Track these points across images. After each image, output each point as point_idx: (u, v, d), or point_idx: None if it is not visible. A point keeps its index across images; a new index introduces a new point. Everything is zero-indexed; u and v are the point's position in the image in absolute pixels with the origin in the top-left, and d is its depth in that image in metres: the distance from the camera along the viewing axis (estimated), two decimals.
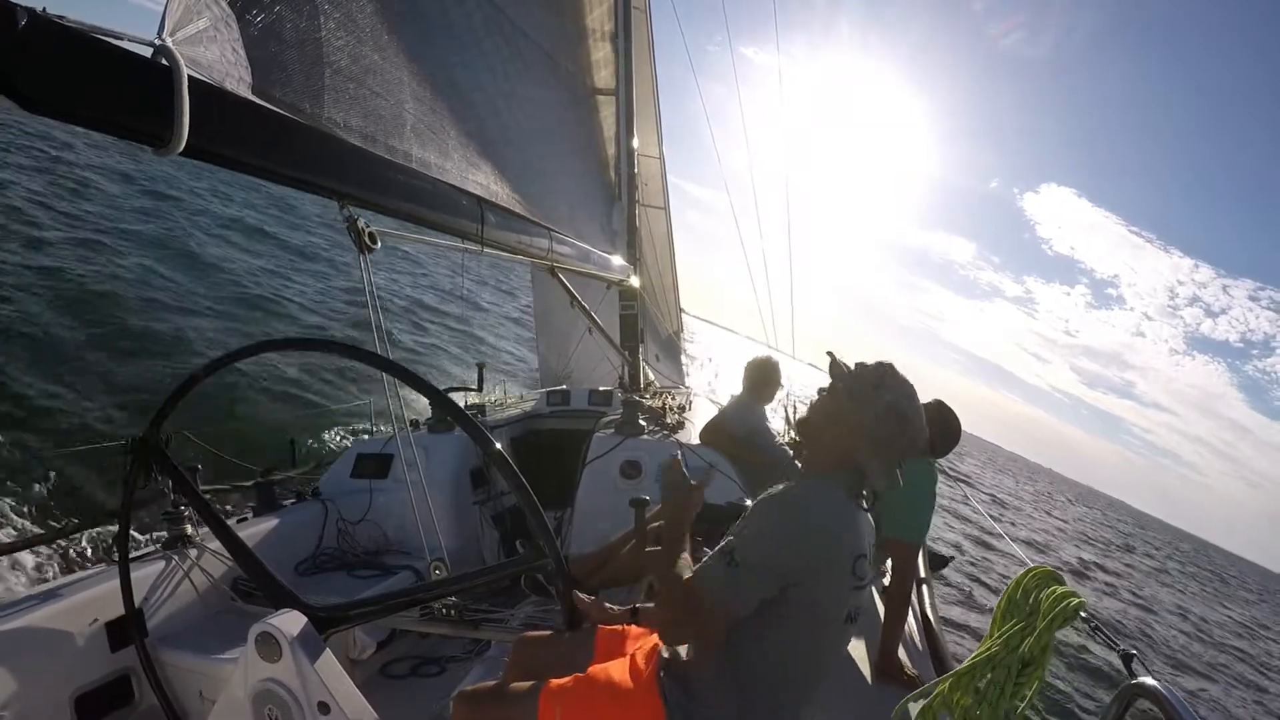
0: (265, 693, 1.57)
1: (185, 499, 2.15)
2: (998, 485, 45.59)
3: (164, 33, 1.29)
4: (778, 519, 1.40)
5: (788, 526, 1.38)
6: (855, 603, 1.45)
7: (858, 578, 1.41)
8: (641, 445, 3.59)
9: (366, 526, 3.27)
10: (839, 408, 1.51)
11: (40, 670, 1.97)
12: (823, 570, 1.36)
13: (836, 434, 1.50)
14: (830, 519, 1.40)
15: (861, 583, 1.43)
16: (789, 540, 1.37)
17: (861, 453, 1.46)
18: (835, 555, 1.37)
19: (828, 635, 1.44)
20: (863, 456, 1.46)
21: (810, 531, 1.37)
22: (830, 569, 1.37)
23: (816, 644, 1.44)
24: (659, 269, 6.93)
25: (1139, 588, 20.76)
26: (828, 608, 1.39)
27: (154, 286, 10.22)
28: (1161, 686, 1.28)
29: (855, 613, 1.46)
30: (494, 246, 2.54)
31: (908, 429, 1.47)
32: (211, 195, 19.09)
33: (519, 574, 1.83)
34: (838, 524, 1.40)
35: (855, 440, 1.46)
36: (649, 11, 5.69)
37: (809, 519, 1.39)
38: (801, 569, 1.35)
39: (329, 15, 1.83)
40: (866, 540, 1.45)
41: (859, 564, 1.40)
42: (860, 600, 1.46)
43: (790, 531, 1.37)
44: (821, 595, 1.38)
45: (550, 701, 1.48)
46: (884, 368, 1.53)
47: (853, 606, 1.44)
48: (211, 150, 1.33)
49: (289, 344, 2.18)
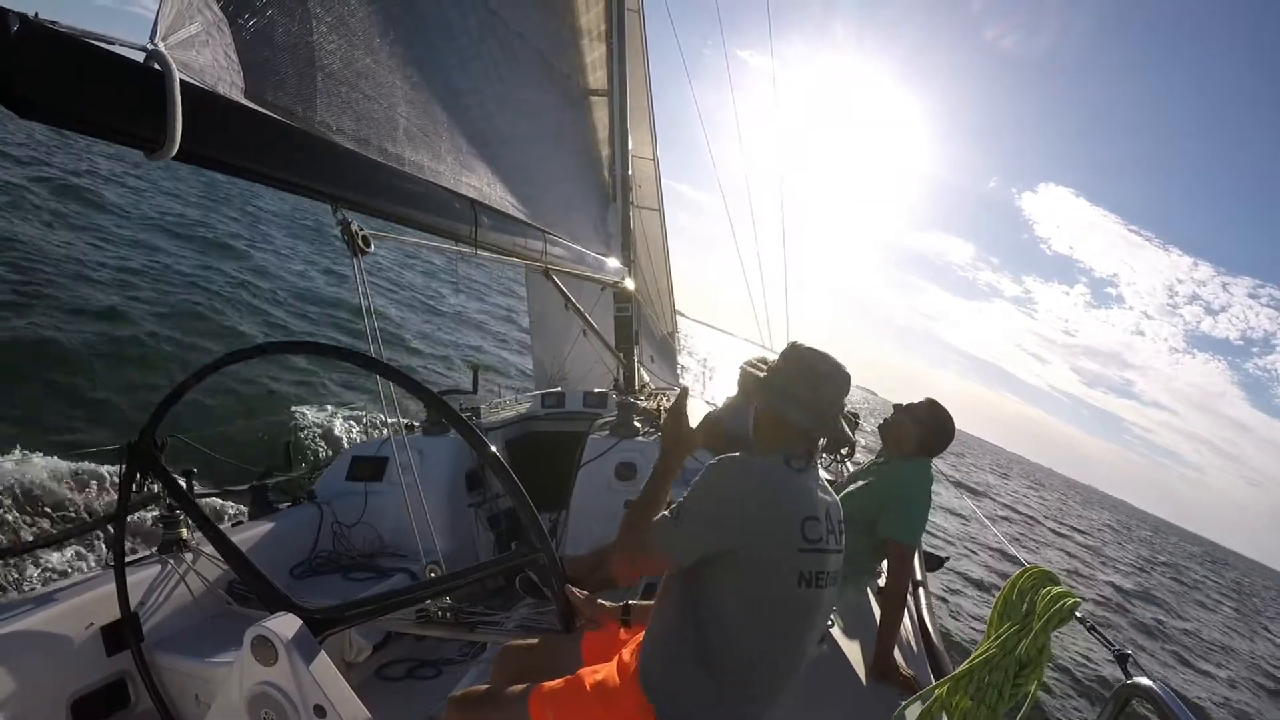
0: (261, 696, 1.57)
1: (178, 504, 2.15)
2: (1024, 499, 42.65)
3: (156, 37, 1.28)
4: (717, 478, 1.51)
5: (725, 485, 1.49)
6: (812, 566, 1.48)
7: (809, 540, 1.47)
8: (636, 447, 3.60)
9: (362, 529, 3.27)
10: (756, 386, 1.70)
11: (36, 674, 1.97)
12: (763, 528, 1.44)
13: (766, 410, 1.65)
14: (766, 479, 1.51)
15: (814, 545, 1.47)
16: (726, 497, 1.47)
17: (786, 413, 1.59)
18: (774, 514, 1.46)
19: (783, 597, 1.47)
20: (789, 415, 1.58)
21: (746, 489, 1.48)
22: (771, 528, 1.45)
23: (772, 608, 1.47)
24: (653, 271, 6.93)
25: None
26: (776, 566, 1.45)
27: (154, 287, 10.19)
28: (1157, 686, 1.28)
29: (818, 577, 1.49)
30: (488, 249, 2.54)
31: (820, 376, 1.61)
32: (213, 198, 19.08)
33: (513, 571, 1.83)
34: (774, 483, 1.51)
35: (779, 403, 1.60)
36: (642, 13, 5.69)
37: (744, 478, 1.50)
38: (739, 527, 1.44)
39: (321, 19, 1.83)
40: (821, 506, 1.53)
41: (809, 525, 1.47)
42: (823, 566, 1.50)
43: (727, 489, 1.48)
44: (767, 555, 1.44)
45: (541, 704, 1.49)
46: (788, 344, 1.73)
47: (808, 570, 1.47)
48: (204, 154, 1.33)
49: (283, 348, 2.19)
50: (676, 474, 1.74)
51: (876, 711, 2.15)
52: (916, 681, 2.36)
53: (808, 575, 1.47)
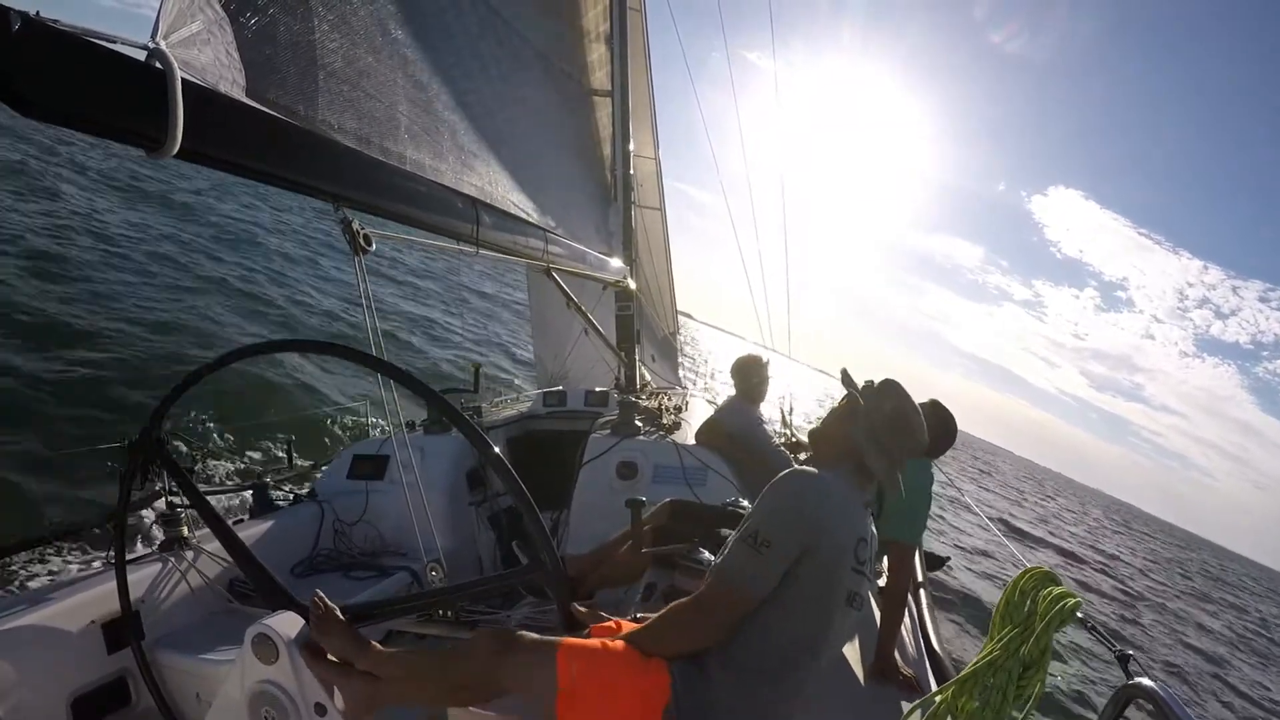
0: (262, 694, 1.57)
1: (184, 497, 2.16)
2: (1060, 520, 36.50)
3: (158, 35, 1.29)
4: (794, 490, 1.51)
5: (804, 496, 1.50)
6: (855, 588, 1.52)
7: (858, 560, 1.50)
8: (638, 446, 3.60)
9: (363, 528, 3.27)
10: (850, 408, 1.69)
11: (37, 672, 1.97)
12: (829, 541, 1.46)
13: (845, 431, 1.66)
14: (839, 496, 1.53)
15: (862, 567, 1.51)
16: (805, 509, 1.48)
17: (867, 451, 1.61)
18: (841, 530, 1.49)
19: (827, 613, 1.49)
20: (868, 455, 1.61)
21: (823, 500, 1.49)
22: (836, 541, 1.47)
23: (815, 622, 1.49)
24: (655, 270, 6.94)
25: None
26: (829, 582, 1.47)
27: (153, 287, 10.21)
28: (1158, 687, 1.28)
29: (856, 599, 1.53)
30: (489, 248, 2.54)
31: (908, 431, 1.65)
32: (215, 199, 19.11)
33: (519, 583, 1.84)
34: (842, 499, 1.53)
35: (861, 438, 1.62)
36: (644, 13, 5.69)
37: (821, 490, 1.51)
38: (815, 535, 1.45)
39: (323, 18, 1.83)
40: (869, 532, 1.57)
41: (860, 547, 1.51)
42: (861, 587, 1.53)
43: (807, 500, 1.49)
44: (824, 568, 1.46)
45: (568, 656, 1.49)
46: (890, 381, 1.73)
47: (852, 590, 1.51)
48: (205, 153, 1.33)
49: (286, 346, 2.19)
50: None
51: (876, 712, 2.15)
52: (917, 682, 2.35)
53: (851, 595, 1.51)
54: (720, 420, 3.92)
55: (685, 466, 3.43)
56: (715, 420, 3.94)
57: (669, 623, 1.52)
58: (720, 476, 3.38)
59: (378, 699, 1.56)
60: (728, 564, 1.48)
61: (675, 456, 3.49)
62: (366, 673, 1.58)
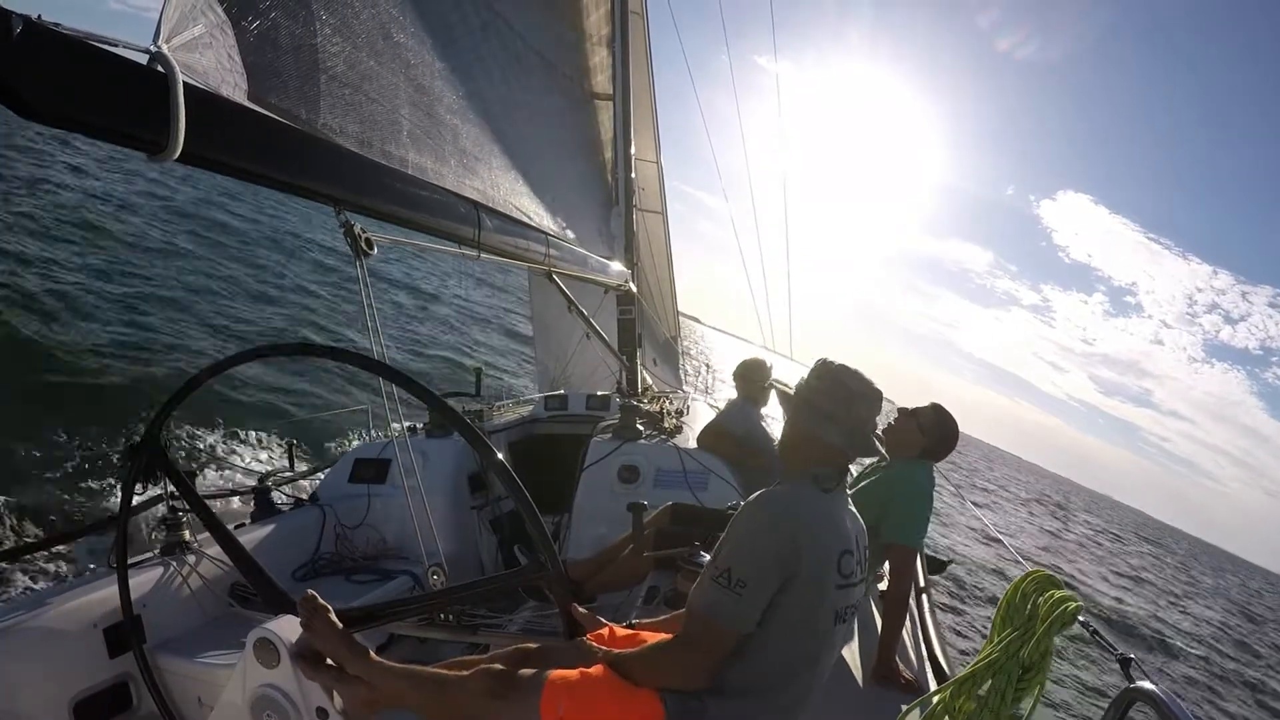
0: (263, 698, 1.57)
1: (185, 502, 2.15)
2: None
3: (159, 39, 1.29)
4: (765, 522, 1.46)
5: (776, 525, 1.44)
6: (844, 602, 1.48)
7: (843, 575, 1.46)
8: (639, 450, 3.59)
9: (364, 531, 3.27)
10: (794, 405, 1.64)
11: (39, 676, 1.96)
12: (810, 560, 1.42)
13: (800, 429, 1.60)
14: (811, 511, 1.48)
15: (848, 581, 1.47)
16: (780, 538, 1.42)
17: (824, 431, 1.56)
18: (820, 548, 1.44)
19: (815, 634, 1.46)
20: (826, 433, 1.55)
21: (796, 524, 1.44)
22: (817, 559, 1.43)
23: (804, 645, 1.47)
24: (657, 274, 6.94)
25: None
26: (815, 604, 1.43)
27: (154, 288, 10.22)
28: (1160, 691, 1.27)
29: (845, 613, 1.49)
30: (491, 251, 2.54)
31: (846, 390, 1.58)
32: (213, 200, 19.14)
33: (520, 585, 1.84)
34: (819, 516, 1.48)
35: (814, 424, 1.58)
36: (646, 16, 5.70)
37: (791, 512, 1.46)
38: (793, 563, 1.40)
39: (325, 21, 1.83)
40: (853, 537, 1.52)
41: (844, 560, 1.46)
42: (850, 600, 1.50)
43: (780, 529, 1.43)
44: (809, 589, 1.42)
45: (554, 693, 1.48)
46: (818, 360, 1.68)
47: (841, 606, 1.48)
48: (207, 156, 1.33)
49: (287, 350, 2.19)
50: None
51: (877, 715, 2.14)
52: (918, 685, 2.34)
53: (840, 612, 1.48)
54: (724, 423, 3.92)
55: (687, 470, 3.43)
56: (719, 423, 3.94)
57: (655, 660, 1.49)
58: (722, 480, 3.37)
59: (377, 702, 1.56)
60: (707, 603, 1.43)
61: (677, 460, 3.49)
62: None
